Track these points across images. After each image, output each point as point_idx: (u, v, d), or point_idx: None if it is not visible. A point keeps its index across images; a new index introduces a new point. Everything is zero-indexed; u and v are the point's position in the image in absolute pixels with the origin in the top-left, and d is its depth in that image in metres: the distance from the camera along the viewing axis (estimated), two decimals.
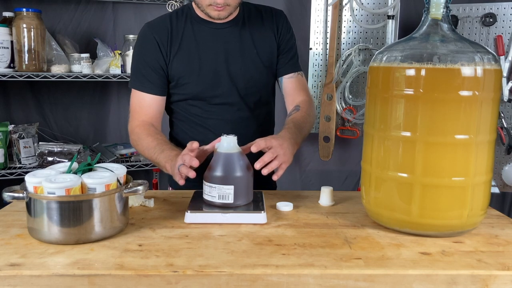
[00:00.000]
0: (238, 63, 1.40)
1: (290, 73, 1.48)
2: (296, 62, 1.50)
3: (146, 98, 1.39)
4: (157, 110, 1.41)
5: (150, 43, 1.38)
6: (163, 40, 1.38)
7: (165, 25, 1.39)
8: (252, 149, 1.15)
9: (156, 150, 1.29)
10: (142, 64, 1.39)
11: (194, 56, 1.38)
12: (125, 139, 2.57)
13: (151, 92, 1.39)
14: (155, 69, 1.38)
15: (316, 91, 2.47)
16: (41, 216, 0.93)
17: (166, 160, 1.23)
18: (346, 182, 2.68)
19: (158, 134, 1.35)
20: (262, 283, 0.84)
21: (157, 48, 1.37)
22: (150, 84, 1.39)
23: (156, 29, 1.39)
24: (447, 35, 1.00)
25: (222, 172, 1.09)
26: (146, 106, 1.40)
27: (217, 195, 1.09)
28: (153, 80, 1.39)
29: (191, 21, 1.40)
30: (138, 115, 1.40)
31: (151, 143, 1.31)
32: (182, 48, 1.38)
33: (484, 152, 1.00)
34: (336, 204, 1.23)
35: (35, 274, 0.82)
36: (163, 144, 1.29)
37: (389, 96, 1.00)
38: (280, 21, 1.46)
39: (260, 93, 1.46)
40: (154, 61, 1.38)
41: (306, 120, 1.40)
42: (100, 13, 2.43)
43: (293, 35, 1.49)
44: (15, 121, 2.33)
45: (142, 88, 1.40)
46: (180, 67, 1.38)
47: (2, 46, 2.05)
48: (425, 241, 0.99)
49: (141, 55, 1.40)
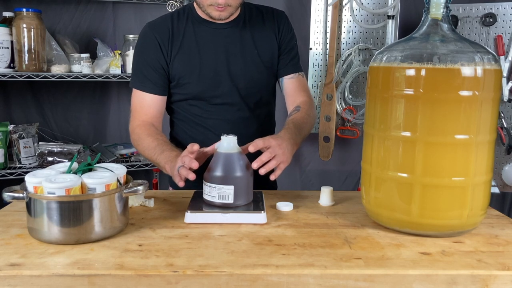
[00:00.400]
0: (239, 64, 1.40)
1: (291, 74, 1.48)
2: (297, 62, 1.50)
3: (146, 97, 1.40)
4: (157, 109, 1.41)
5: (151, 42, 1.38)
6: (164, 40, 1.38)
7: (166, 25, 1.39)
8: (250, 149, 1.14)
9: (156, 150, 1.28)
10: (143, 63, 1.40)
11: (194, 56, 1.38)
12: (125, 139, 2.57)
13: (152, 92, 1.39)
14: (156, 68, 1.38)
15: (316, 91, 2.47)
16: (41, 216, 0.93)
17: (166, 161, 1.23)
18: (346, 182, 2.67)
19: (159, 135, 1.35)
20: (262, 283, 0.84)
21: (158, 48, 1.38)
22: (151, 84, 1.39)
23: (157, 29, 1.39)
24: (447, 35, 1.00)
25: (222, 172, 1.09)
26: (147, 106, 1.40)
27: (217, 195, 1.09)
28: (154, 79, 1.39)
29: (192, 21, 1.40)
30: (138, 115, 1.40)
31: (151, 143, 1.31)
32: (183, 48, 1.38)
33: (484, 152, 1.00)
34: (336, 204, 1.23)
35: (35, 274, 0.82)
36: (163, 145, 1.29)
37: (389, 96, 1.00)
38: (281, 21, 1.46)
39: (261, 93, 1.46)
40: (155, 60, 1.38)
41: (306, 120, 1.40)
42: (100, 13, 2.43)
43: (294, 36, 1.50)
44: (15, 121, 2.33)
45: (143, 88, 1.40)
46: (180, 67, 1.38)
47: (2, 46, 2.05)
48: (425, 241, 0.99)
49: (142, 54, 1.40)
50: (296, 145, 1.28)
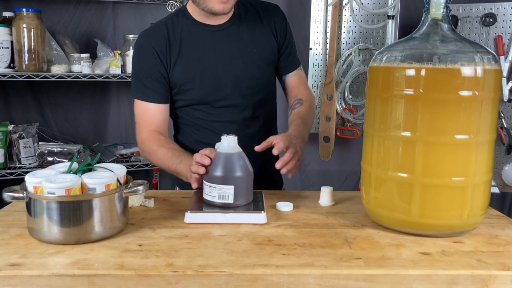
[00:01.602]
0: (239, 64, 1.40)
1: (293, 71, 1.51)
2: (295, 56, 1.52)
3: (150, 107, 1.39)
4: (162, 118, 1.41)
5: (148, 52, 1.37)
6: (162, 48, 1.36)
7: (162, 33, 1.37)
8: (274, 152, 1.19)
9: (174, 160, 1.30)
10: (143, 74, 1.38)
11: (194, 62, 1.37)
12: (125, 139, 2.57)
13: (154, 101, 1.39)
14: (156, 77, 1.37)
15: (316, 91, 2.47)
16: (41, 216, 0.93)
17: (187, 169, 1.24)
18: (346, 182, 2.68)
19: (170, 144, 1.36)
20: (262, 283, 0.84)
21: (157, 57, 1.36)
22: (152, 94, 1.38)
23: (153, 38, 1.38)
24: (447, 35, 1.00)
25: (222, 172, 1.09)
26: (152, 116, 1.40)
27: (217, 195, 1.09)
28: (155, 89, 1.38)
29: (188, 26, 1.38)
30: (145, 125, 1.40)
31: (166, 154, 1.32)
32: (182, 54, 1.37)
33: (484, 152, 1.00)
34: (336, 204, 1.23)
35: (35, 274, 0.82)
36: (180, 155, 1.30)
37: (389, 96, 1.00)
38: (277, 17, 1.45)
39: (263, 92, 1.46)
40: (154, 69, 1.37)
41: (310, 114, 1.46)
42: (100, 13, 2.43)
43: (290, 28, 1.49)
44: (15, 121, 2.33)
45: (145, 98, 1.39)
46: (181, 74, 1.37)
47: (2, 46, 2.06)
48: (425, 241, 0.99)
49: (141, 65, 1.39)
50: (305, 141, 1.34)
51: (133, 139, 2.60)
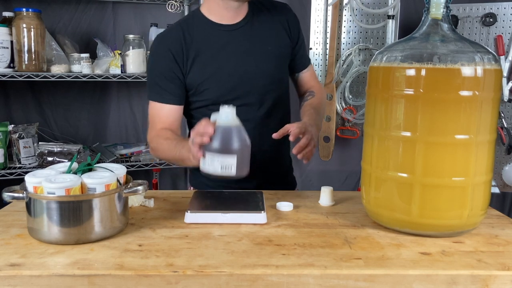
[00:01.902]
0: (254, 63, 1.40)
1: (306, 67, 1.55)
2: (305, 53, 1.56)
3: (164, 108, 1.39)
4: (175, 118, 1.41)
5: (164, 55, 1.37)
6: (178, 51, 1.37)
7: (178, 35, 1.38)
8: (291, 139, 1.21)
9: (177, 147, 1.28)
10: (159, 76, 1.38)
11: (210, 62, 1.38)
12: (125, 139, 2.58)
13: (170, 103, 1.39)
14: (171, 79, 1.37)
15: None
16: (41, 216, 0.93)
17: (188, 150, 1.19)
18: (346, 182, 2.68)
19: (177, 136, 1.35)
20: (262, 283, 0.83)
21: (173, 59, 1.36)
22: (168, 95, 1.38)
23: (169, 41, 1.38)
24: (447, 35, 1.00)
25: (225, 143, 1.05)
26: (164, 116, 1.40)
27: (220, 166, 1.05)
28: (171, 90, 1.38)
29: (203, 27, 1.39)
30: (156, 125, 1.40)
31: (170, 145, 1.32)
32: (198, 55, 1.37)
33: (484, 152, 1.00)
34: (336, 204, 1.23)
35: (35, 274, 0.82)
36: (183, 141, 1.29)
37: (389, 96, 1.00)
38: (289, 15, 1.48)
39: (278, 90, 1.46)
40: (171, 71, 1.37)
41: (322, 106, 1.52)
42: (100, 13, 2.43)
43: (299, 26, 1.52)
44: (15, 121, 2.33)
45: (161, 99, 1.39)
46: (198, 75, 1.38)
47: (2, 46, 2.05)
48: (425, 241, 0.99)
49: (156, 67, 1.39)
50: (320, 129, 1.38)
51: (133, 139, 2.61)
